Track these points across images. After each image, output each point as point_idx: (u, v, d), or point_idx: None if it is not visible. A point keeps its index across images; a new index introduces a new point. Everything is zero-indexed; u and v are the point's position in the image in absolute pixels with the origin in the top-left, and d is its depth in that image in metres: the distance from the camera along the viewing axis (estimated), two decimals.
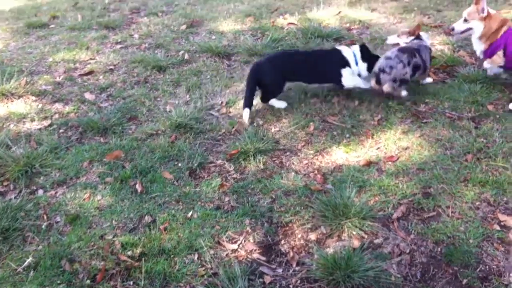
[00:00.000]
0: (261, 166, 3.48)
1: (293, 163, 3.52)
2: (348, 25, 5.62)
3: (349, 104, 4.16)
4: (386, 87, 4.01)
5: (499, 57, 4.05)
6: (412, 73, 4.03)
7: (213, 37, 5.41)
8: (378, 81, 4.03)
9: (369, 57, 4.20)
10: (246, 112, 3.91)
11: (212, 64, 4.83)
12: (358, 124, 3.91)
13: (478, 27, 4.09)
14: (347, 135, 3.79)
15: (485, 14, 4.02)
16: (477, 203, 3.06)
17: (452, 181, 3.23)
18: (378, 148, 3.64)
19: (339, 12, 5.93)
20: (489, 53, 4.11)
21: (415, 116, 3.96)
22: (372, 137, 3.75)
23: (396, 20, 5.70)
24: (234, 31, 5.50)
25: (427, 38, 4.35)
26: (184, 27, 5.63)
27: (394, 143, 3.66)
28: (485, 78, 4.34)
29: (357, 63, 4.16)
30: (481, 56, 4.24)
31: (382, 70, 3.99)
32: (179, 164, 3.53)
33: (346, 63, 4.12)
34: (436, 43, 5.07)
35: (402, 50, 4.08)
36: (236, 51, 5.04)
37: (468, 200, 3.07)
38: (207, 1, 6.46)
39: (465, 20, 4.13)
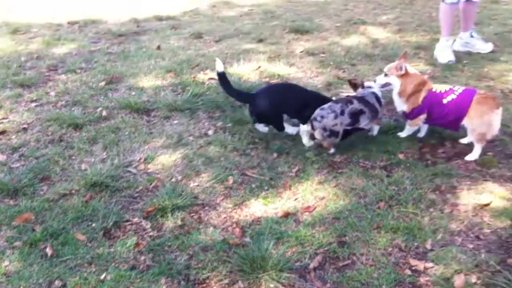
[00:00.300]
0: (179, 222, 3.43)
1: (211, 218, 3.51)
2: (267, 79, 5.76)
3: (268, 157, 4.22)
4: (316, 133, 4.14)
5: (419, 120, 4.20)
6: (352, 119, 4.14)
7: (133, 93, 5.39)
8: (312, 127, 4.15)
9: None
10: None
11: (131, 121, 4.80)
12: (276, 176, 3.96)
13: (396, 83, 4.23)
14: (266, 188, 3.82)
15: (402, 72, 4.16)
16: (390, 249, 3.14)
17: (365, 228, 3.31)
18: (296, 199, 3.69)
19: (259, 67, 6.08)
20: (411, 117, 4.23)
21: (331, 166, 4.06)
22: (290, 189, 3.80)
23: (313, 74, 5.90)
24: (155, 87, 5.51)
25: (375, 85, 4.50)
26: (103, 83, 5.59)
27: (311, 194, 3.72)
28: (395, 128, 4.54)
29: None
30: (400, 112, 4.38)
31: (314, 118, 4.12)
32: (93, 224, 3.42)
33: None
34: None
35: (338, 100, 4.30)
36: (156, 107, 5.04)
37: (381, 247, 3.15)
38: (127, 58, 6.47)
39: (385, 75, 4.30)
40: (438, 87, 4.12)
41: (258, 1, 9.52)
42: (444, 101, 4.01)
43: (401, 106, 4.27)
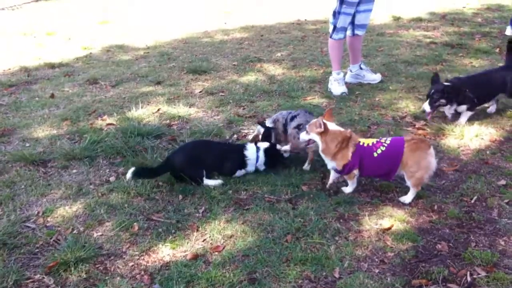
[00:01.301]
0: (84, 276, 3.28)
1: (118, 267, 3.38)
2: (168, 121, 5.73)
3: (173, 199, 4.17)
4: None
5: (354, 174, 4.08)
6: None
7: (27, 144, 5.15)
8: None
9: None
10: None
11: (27, 173, 4.57)
12: (183, 218, 3.90)
13: (318, 141, 4.07)
14: (173, 231, 3.76)
15: (322, 129, 3.98)
16: (300, 281, 3.18)
17: (275, 263, 3.34)
18: (204, 239, 3.65)
19: (158, 110, 6.04)
20: (344, 172, 4.10)
21: (237, 204, 4.07)
22: (198, 230, 3.76)
23: (214, 113, 5.95)
24: (50, 137, 5.30)
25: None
26: None
27: (219, 233, 3.70)
28: (297, 161, 4.65)
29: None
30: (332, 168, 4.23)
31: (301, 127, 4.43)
32: None
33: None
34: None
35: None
36: (52, 157, 4.84)
37: (291, 280, 3.18)
38: (19, 108, 6.19)
39: (307, 132, 4.14)
40: (365, 141, 4.04)
41: (153, 44, 9.51)
42: (375, 154, 3.94)
43: (330, 163, 4.14)
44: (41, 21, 11.45)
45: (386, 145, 3.96)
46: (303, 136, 4.20)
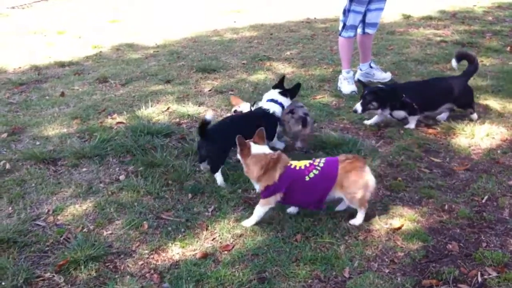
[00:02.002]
0: (94, 274, 3.29)
1: (128, 266, 3.40)
2: (177, 120, 5.73)
3: (183, 198, 4.17)
4: (308, 129, 4.63)
5: (273, 199, 3.71)
6: None
7: (37, 143, 5.17)
8: (305, 124, 4.59)
9: None
10: None
11: (37, 172, 4.59)
12: (192, 217, 3.91)
13: (242, 163, 3.84)
14: (182, 230, 3.76)
15: (242, 152, 3.76)
16: (309, 281, 3.17)
17: (285, 262, 3.34)
18: (214, 238, 3.66)
19: (168, 108, 6.04)
20: (264, 194, 3.72)
21: (247, 203, 4.07)
22: (207, 229, 3.76)
23: (223, 111, 5.94)
24: (60, 135, 5.32)
25: None
26: (5, 135, 5.32)
27: (228, 232, 3.71)
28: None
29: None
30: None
31: (306, 114, 4.64)
32: (3, 283, 3.22)
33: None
34: None
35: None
36: (62, 156, 4.85)
37: (301, 279, 3.18)
38: (29, 107, 6.21)
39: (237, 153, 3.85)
40: (297, 164, 3.74)
41: (163, 43, 9.52)
42: (307, 178, 3.63)
43: (255, 185, 3.83)
44: (52, 20, 11.49)
45: (319, 168, 3.66)
46: (237, 156, 3.91)
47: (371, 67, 6.85)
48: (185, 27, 10.71)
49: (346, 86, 6.48)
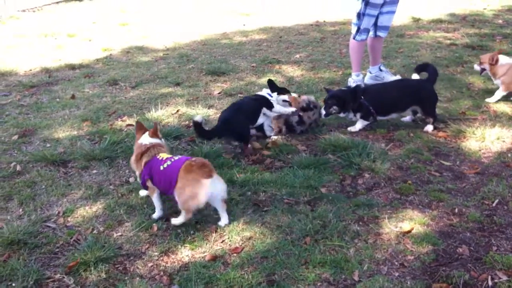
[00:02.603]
0: (103, 276, 3.31)
1: (137, 268, 3.40)
2: (187, 122, 5.74)
3: None
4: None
5: (152, 189, 3.91)
6: None
7: (48, 145, 5.20)
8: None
9: None
10: None
11: (47, 174, 4.62)
12: (202, 219, 3.91)
13: None
14: (192, 232, 3.77)
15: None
16: (319, 284, 3.16)
17: (294, 265, 3.33)
18: (223, 241, 3.66)
19: (178, 111, 6.06)
20: (142, 182, 3.98)
21: (256, 205, 4.07)
22: (216, 231, 3.76)
23: None
24: (70, 137, 5.35)
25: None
26: (15, 137, 5.36)
27: (237, 234, 3.70)
28: (317, 163, 4.64)
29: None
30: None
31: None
32: (13, 284, 3.24)
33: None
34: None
35: None
36: (72, 158, 4.88)
37: (310, 282, 3.17)
38: (40, 109, 6.25)
39: None
40: (162, 155, 3.90)
41: (172, 45, 9.56)
42: (161, 167, 3.78)
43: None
44: (62, 23, 11.57)
45: (172, 161, 3.79)
46: None
47: (380, 70, 6.84)
48: (194, 30, 10.75)
49: None
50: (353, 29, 6.51)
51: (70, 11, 13.20)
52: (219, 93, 6.74)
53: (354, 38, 6.49)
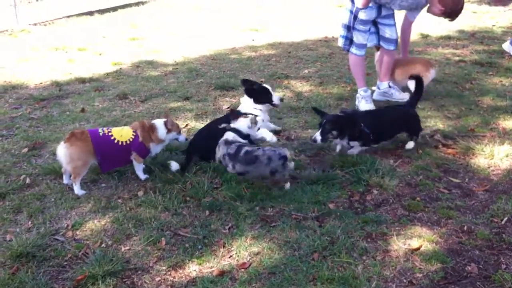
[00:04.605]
0: None
1: (145, 282, 3.41)
2: None
3: (200, 215, 4.19)
4: None
5: None
6: None
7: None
8: None
9: None
10: None
11: (57, 186, 4.64)
12: (209, 234, 3.92)
13: None
14: (200, 247, 3.77)
15: None
16: None
17: (302, 281, 3.32)
18: (231, 256, 3.66)
19: (187, 125, 6.10)
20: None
21: (264, 220, 4.07)
22: (224, 246, 3.77)
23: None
24: None
25: None
26: (25, 150, 5.40)
27: (245, 250, 3.71)
28: (325, 178, 4.63)
29: None
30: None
31: None
32: None
33: None
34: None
35: None
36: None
37: None
38: (50, 122, 6.30)
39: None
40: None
41: (182, 60, 9.61)
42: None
43: None
44: (73, 36, 11.67)
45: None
46: None
47: (390, 86, 6.84)
48: (203, 45, 10.81)
49: (364, 104, 6.48)
50: (340, 41, 6.55)
51: (81, 25, 13.31)
52: (227, 107, 6.76)
53: (350, 51, 6.51)
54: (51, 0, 15.19)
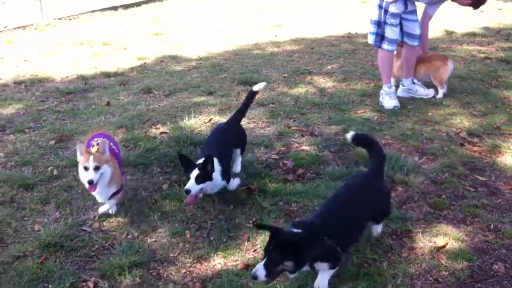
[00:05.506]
0: (138, 280, 3.36)
1: (171, 274, 3.45)
2: None
3: (225, 209, 4.21)
4: None
5: None
6: None
7: None
8: None
9: None
10: None
11: None
12: (234, 228, 3.94)
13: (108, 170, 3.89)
14: (224, 240, 3.80)
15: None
16: None
17: None
18: (255, 250, 3.68)
19: (210, 119, 6.12)
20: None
21: (288, 215, 4.08)
22: (249, 240, 3.79)
23: (264, 124, 5.98)
24: None
25: None
26: (52, 142, 5.48)
27: None
28: (348, 174, 4.63)
29: None
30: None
31: None
32: (50, 286, 3.32)
33: None
34: (303, 144, 5.37)
35: None
36: None
37: None
38: (76, 115, 6.38)
39: (97, 168, 3.79)
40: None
41: (205, 55, 9.64)
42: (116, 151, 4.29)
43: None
44: (98, 31, 11.76)
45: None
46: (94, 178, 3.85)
47: (414, 83, 6.80)
48: (226, 40, 10.83)
49: (388, 101, 6.44)
50: (371, 38, 6.47)
51: (105, 20, 13.41)
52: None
53: (381, 47, 6.45)
54: None
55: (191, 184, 3.89)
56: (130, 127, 5.91)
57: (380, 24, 6.30)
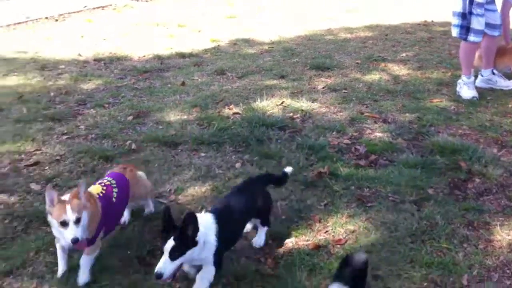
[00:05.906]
0: None
1: (244, 248, 3.51)
2: (291, 114, 5.81)
3: (296, 189, 4.23)
4: None
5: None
6: None
7: (160, 127, 5.47)
8: None
9: None
10: None
11: (160, 153, 4.86)
12: (305, 209, 3.97)
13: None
14: (295, 220, 3.83)
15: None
16: (425, 284, 3.12)
17: (399, 263, 3.30)
18: (326, 231, 3.69)
19: (282, 102, 6.15)
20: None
21: (360, 200, 4.06)
22: (320, 221, 3.80)
23: (337, 109, 5.95)
24: (181, 121, 5.59)
25: None
26: (131, 117, 5.68)
27: (341, 227, 3.72)
28: (423, 163, 4.55)
29: None
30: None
31: None
32: (129, 252, 3.46)
33: None
34: (376, 130, 5.31)
35: None
36: (183, 140, 5.10)
37: (416, 281, 3.13)
38: (153, 93, 6.57)
39: (78, 221, 2.94)
40: (93, 189, 3.37)
41: (277, 39, 9.67)
42: (113, 199, 3.39)
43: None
44: (173, 13, 12.02)
45: (113, 184, 3.45)
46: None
47: (493, 73, 6.57)
48: (299, 25, 10.81)
49: (467, 91, 6.26)
50: (455, 31, 6.23)
51: (180, 2, 13.68)
52: (323, 87, 6.75)
53: (466, 39, 6.22)
54: None
55: (162, 264, 2.80)
56: (204, 107, 6.02)
57: (465, 16, 6.08)
